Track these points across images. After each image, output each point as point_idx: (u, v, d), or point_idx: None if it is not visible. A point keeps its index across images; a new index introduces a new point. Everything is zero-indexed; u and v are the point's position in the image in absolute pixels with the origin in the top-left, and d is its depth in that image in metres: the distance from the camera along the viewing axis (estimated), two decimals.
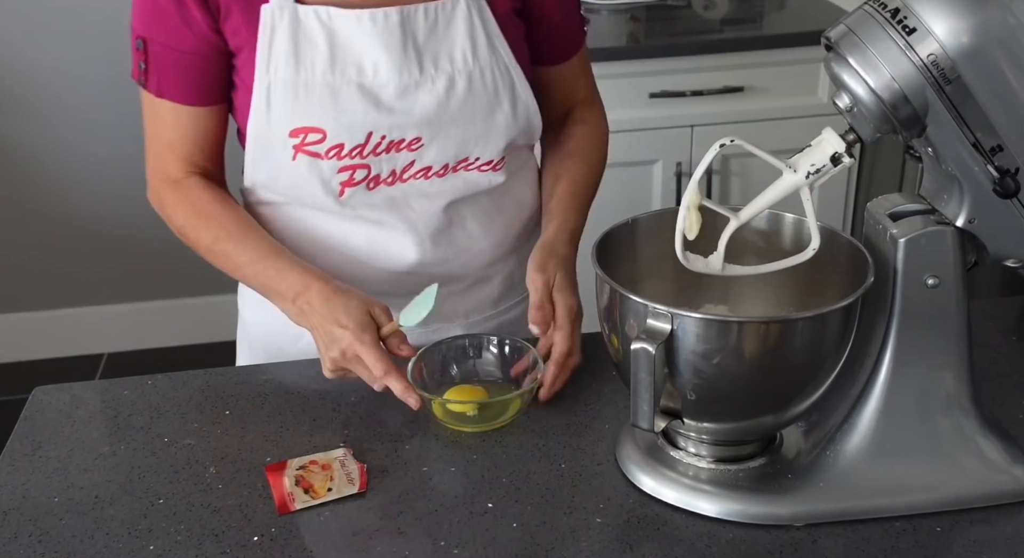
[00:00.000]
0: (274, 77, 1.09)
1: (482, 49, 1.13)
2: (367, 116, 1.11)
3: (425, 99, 1.12)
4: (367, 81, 1.10)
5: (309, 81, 1.09)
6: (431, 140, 1.14)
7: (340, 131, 1.11)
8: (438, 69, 1.12)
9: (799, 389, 0.90)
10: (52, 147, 2.80)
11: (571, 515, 0.93)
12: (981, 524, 0.92)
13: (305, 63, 1.09)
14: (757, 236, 1.01)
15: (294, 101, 1.09)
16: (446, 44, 1.12)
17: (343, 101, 1.10)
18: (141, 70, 1.14)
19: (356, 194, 1.16)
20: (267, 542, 0.91)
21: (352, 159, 1.13)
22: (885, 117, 0.84)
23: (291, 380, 1.16)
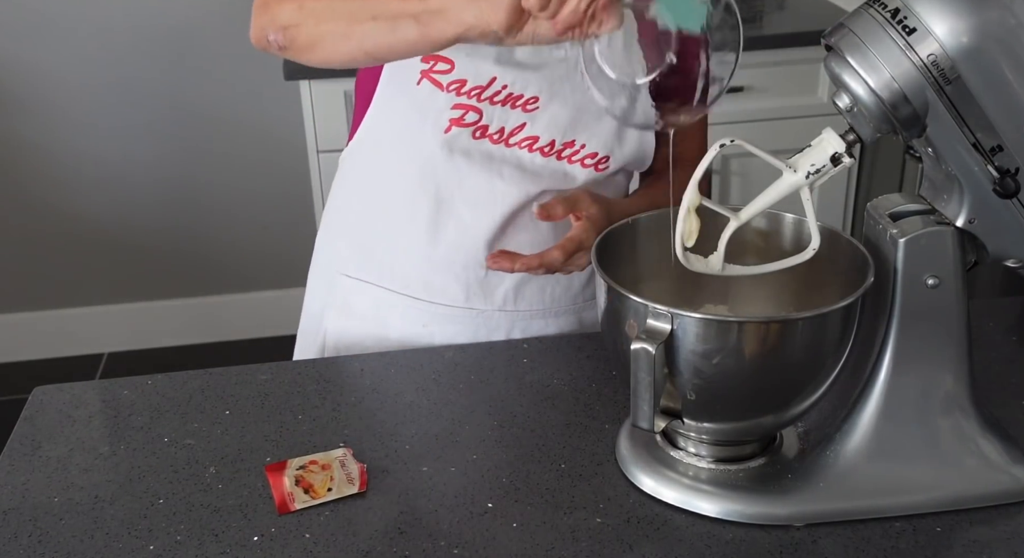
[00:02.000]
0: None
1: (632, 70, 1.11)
2: (498, 61, 1.12)
3: (555, 64, 1.13)
4: None
5: None
6: (547, 103, 1.15)
7: (467, 68, 1.12)
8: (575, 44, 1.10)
9: (799, 389, 0.90)
10: (52, 147, 2.81)
11: (571, 515, 0.93)
12: (981, 524, 0.92)
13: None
14: (757, 236, 1.01)
15: None
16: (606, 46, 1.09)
17: None
18: None
19: (460, 136, 1.16)
20: (267, 542, 0.91)
21: (469, 99, 1.14)
22: (885, 117, 0.84)
23: (291, 380, 1.16)
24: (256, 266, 3.01)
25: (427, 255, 1.22)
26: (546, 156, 1.18)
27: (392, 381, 1.14)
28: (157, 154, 2.84)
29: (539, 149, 1.18)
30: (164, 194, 2.89)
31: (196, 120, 2.81)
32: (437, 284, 1.23)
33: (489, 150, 1.17)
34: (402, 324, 1.26)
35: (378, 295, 1.26)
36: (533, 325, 1.27)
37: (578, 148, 1.18)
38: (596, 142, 1.18)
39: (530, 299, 1.26)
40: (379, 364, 1.18)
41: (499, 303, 1.25)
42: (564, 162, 1.19)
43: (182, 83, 2.77)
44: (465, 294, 1.23)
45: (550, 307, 1.27)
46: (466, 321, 1.25)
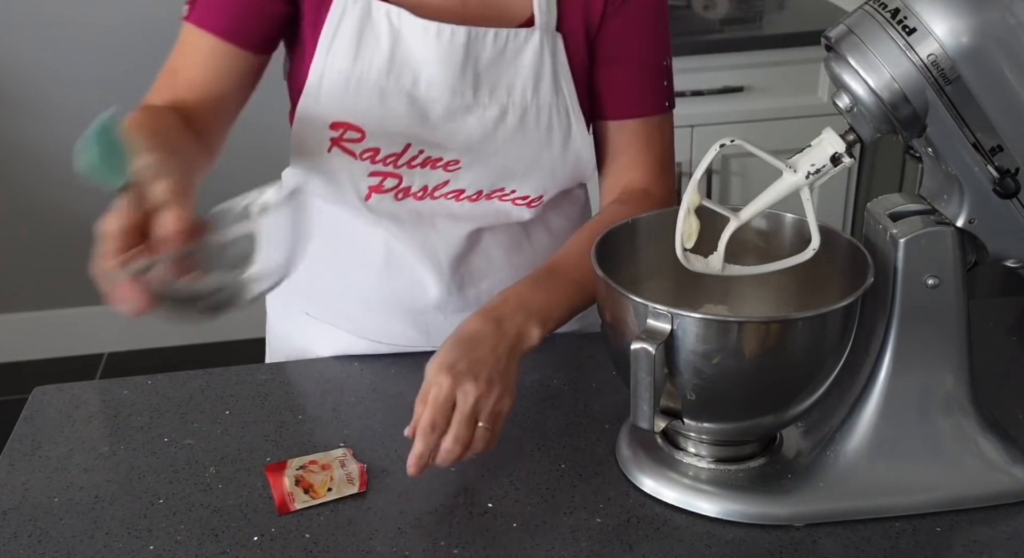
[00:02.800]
0: (330, 65, 1.07)
1: (545, 88, 1.09)
2: (410, 127, 1.08)
3: (472, 125, 1.09)
4: (419, 93, 1.07)
5: (362, 77, 1.07)
6: (469, 165, 1.11)
7: (379, 135, 1.09)
8: (493, 98, 1.08)
9: (799, 389, 0.90)
10: (52, 147, 2.80)
11: (571, 515, 0.93)
12: (981, 524, 0.92)
13: (363, 58, 1.06)
14: (757, 236, 1.01)
15: (343, 94, 1.07)
16: (507, 75, 1.08)
17: (390, 106, 1.07)
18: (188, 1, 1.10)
19: (383, 201, 1.14)
20: (267, 542, 0.91)
21: (385, 166, 1.11)
22: (885, 117, 0.84)
23: (291, 380, 1.16)
24: None
25: (382, 302, 1.19)
26: (475, 201, 1.15)
27: (392, 381, 1.14)
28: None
29: (467, 198, 1.15)
30: None
31: None
32: (397, 331, 1.21)
33: (416, 207, 1.15)
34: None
35: (337, 336, 1.23)
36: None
37: (509, 192, 1.15)
38: (527, 187, 1.15)
39: None
40: (379, 364, 1.18)
41: None
42: (495, 201, 1.16)
43: None
44: (426, 337, 1.20)
45: None
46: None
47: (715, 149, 0.88)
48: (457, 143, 1.10)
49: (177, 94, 1.07)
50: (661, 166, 1.18)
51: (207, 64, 1.09)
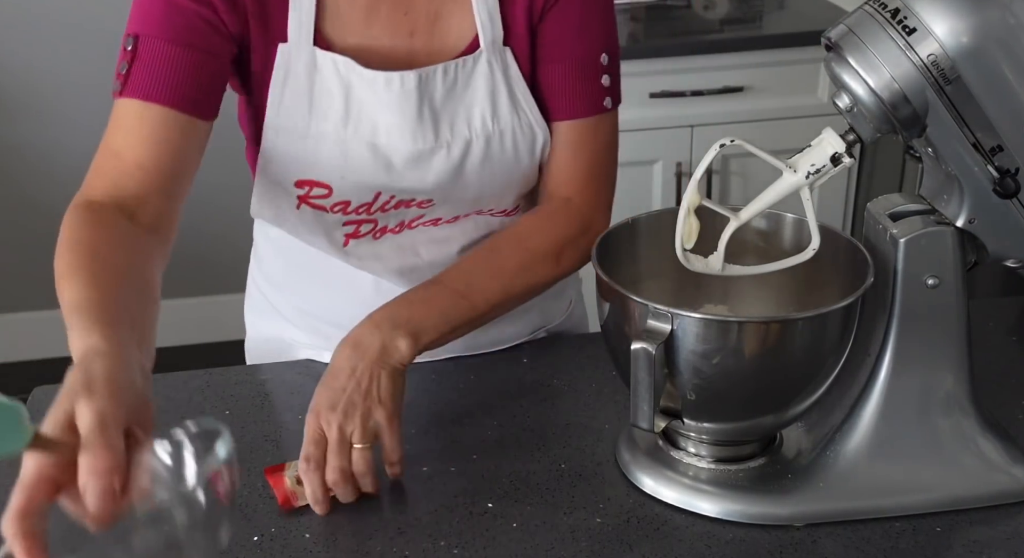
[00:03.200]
0: (284, 124, 1.03)
1: (503, 110, 1.06)
2: (376, 177, 1.05)
3: (439, 166, 1.05)
4: (380, 141, 1.04)
5: (320, 133, 1.03)
6: (443, 200, 1.10)
7: (347, 189, 1.06)
8: (454, 134, 1.05)
9: (799, 389, 0.90)
10: (52, 147, 2.81)
11: (571, 515, 0.93)
12: (981, 524, 0.92)
13: (318, 113, 1.03)
14: (757, 236, 1.01)
15: (302, 152, 1.04)
16: (464, 106, 1.05)
17: (353, 159, 1.04)
18: (122, 74, 0.99)
19: (361, 244, 1.13)
20: (267, 542, 0.91)
21: (358, 215, 1.09)
22: (885, 117, 0.84)
23: (291, 380, 1.16)
24: None
25: None
26: (454, 223, 1.14)
27: None
28: None
29: (445, 222, 1.14)
30: None
31: None
32: None
33: (396, 241, 1.13)
34: None
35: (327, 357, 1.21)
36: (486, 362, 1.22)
37: (487, 210, 1.14)
38: (504, 202, 1.14)
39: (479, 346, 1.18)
40: None
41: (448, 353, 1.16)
42: (473, 216, 1.14)
43: None
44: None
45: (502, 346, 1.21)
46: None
47: (715, 149, 0.88)
48: (427, 185, 1.07)
49: (123, 180, 0.97)
50: (589, 173, 1.11)
51: (157, 139, 0.98)
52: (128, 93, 0.99)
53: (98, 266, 0.87)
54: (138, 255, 0.93)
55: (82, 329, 0.77)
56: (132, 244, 0.93)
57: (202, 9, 0.99)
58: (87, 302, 0.81)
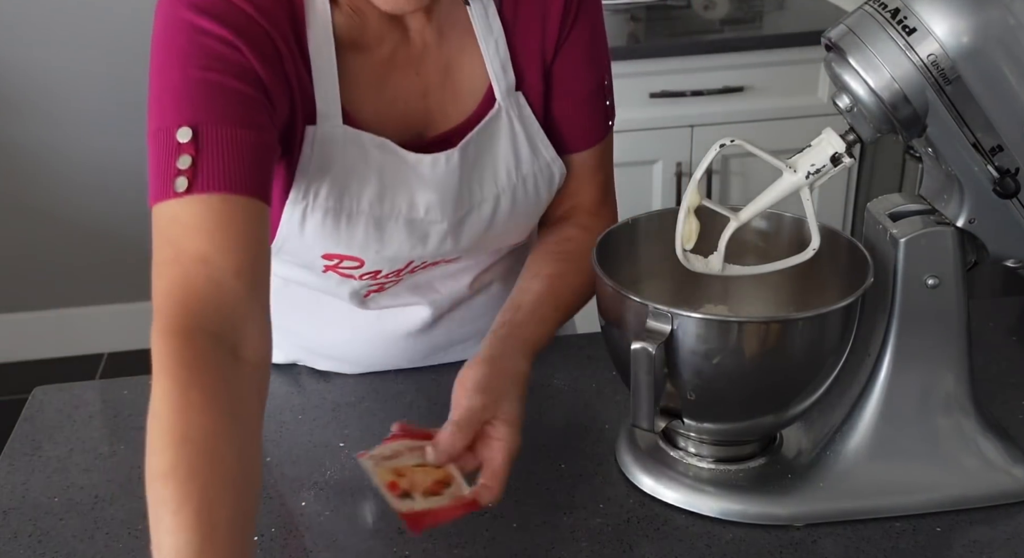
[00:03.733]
0: (312, 203, 0.97)
1: (524, 158, 1.05)
2: (413, 250, 1.03)
3: (471, 229, 1.04)
4: (417, 216, 1.01)
5: (353, 211, 0.98)
6: (470, 253, 1.09)
7: (380, 262, 1.03)
8: (484, 194, 1.04)
9: (799, 389, 0.90)
10: (52, 147, 2.80)
11: (571, 515, 0.93)
12: (981, 524, 0.92)
13: (351, 193, 0.98)
14: (757, 236, 1.01)
15: (335, 231, 0.98)
16: (490, 164, 1.04)
17: (388, 235, 1.00)
18: (183, 169, 0.84)
19: (382, 295, 1.11)
20: (267, 542, 0.91)
21: (387, 279, 1.07)
22: (885, 117, 0.84)
23: (291, 380, 1.16)
24: None
25: (373, 355, 1.16)
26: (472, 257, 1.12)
27: (392, 381, 1.14)
28: None
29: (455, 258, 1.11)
30: None
31: None
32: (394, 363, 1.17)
33: (413, 280, 1.10)
34: None
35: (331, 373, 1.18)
36: None
37: (505, 249, 1.14)
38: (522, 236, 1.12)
39: None
40: None
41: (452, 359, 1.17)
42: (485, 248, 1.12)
43: None
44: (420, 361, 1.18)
45: None
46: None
47: (715, 149, 0.88)
48: (460, 248, 1.06)
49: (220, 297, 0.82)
50: (605, 191, 1.14)
51: (248, 238, 0.85)
52: (201, 189, 0.83)
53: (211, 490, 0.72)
54: (254, 436, 0.81)
55: None
56: (247, 420, 0.80)
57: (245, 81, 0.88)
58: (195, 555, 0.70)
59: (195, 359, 0.78)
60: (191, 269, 0.82)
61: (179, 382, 0.77)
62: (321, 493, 0.97)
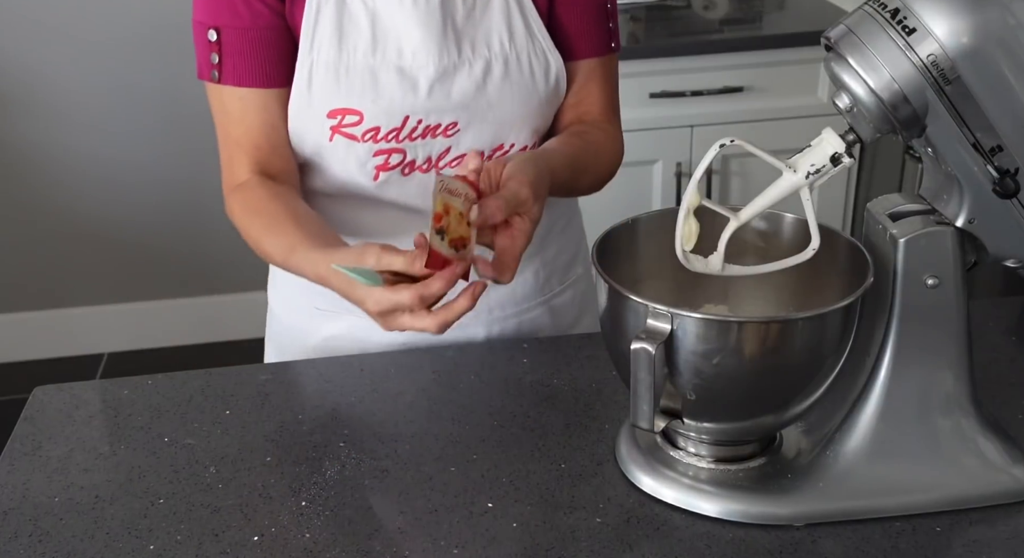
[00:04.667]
0: (316, 58, 1.11)
1: (519, 34, 1.14)
2: (404, 100, 1.12)
3: (462, 83, 1.13)
4: (406, 64, 1.12)
5: (350, 63, 1.11)
6: (467, 125, 1.15)
7: (377, 114, 1.12)
8: (475, 53, 1.13)
9: (799, 389, 0.90)
10: (52, 147, 2.81)
11: (571, 515, 0.93)
12: (981, 524, 0.92)
13: (347, 45, 1.11)
14: (757, 236, 1.01)
15: (335, 83, 1.11)
16: (483, 29, 1.13)
17: (382, 84, 1.11)
18: (214, 63, 1.13)
19: (391, 179, 1.16)
20: (267, 542, 0.91)
21: (388, 143, 1.14)
22: (885, 117, 0.84)
23: (291, 380, 1.16)
24: (256, 266, 2.98)
25: None
26: None
27: (392, 381, 1.14)
28: (157, 154, 2.84)
29: None
30: (164, 194, 2.89)
31: (196, 120, 2.80)
32: None
33: (422, 179, 1.17)
34: (379, 346, 1.24)
35: (353, 322, 1.22)
36: (509, 324, 1.28)
37: (508, 148, 1.18)
38: (524, 137, 1.18)
39: (503, 304, 1.27)
40: (379, 364, 1.18)
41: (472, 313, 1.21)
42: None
43: (182, 83, 2.76)
44: None
45: (521, 307, 1.28)
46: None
47: (715, 149, 0.88)
48: (452, 104, 1.13)
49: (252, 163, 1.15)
50: (612, 105, 1.25)
51: (262, 121, 1.14)
52: (227, 82, 1.13)
53: (279, 217, 1.09)
54: (292, 197, 1.13)
55: (306, 262, 1.03)
56: (284, 193, 1.13)
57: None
58: (289, 247, 1.05)
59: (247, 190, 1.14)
60: (232, 151, 1.16)
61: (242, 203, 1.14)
62: (321, 493, 0.97)
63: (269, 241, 1.10)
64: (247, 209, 1.13)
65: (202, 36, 1.13)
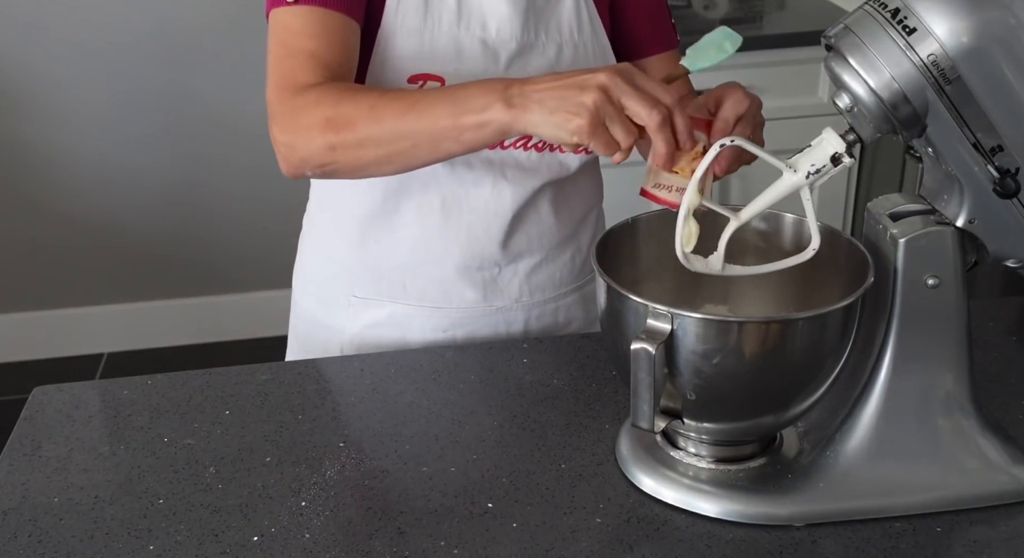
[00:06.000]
0: (401, 24, 1.12)
1: (585, 27, 1.19)
2: (486, 71, 1.14)
3: (537, 62, 1.17)
4: (490, 37, 1.14)
5: (436, 32, 1.13)
6: None
7: (457, 81, 1.08)
8: (549, 36, 1.17)
9: (799, 389, 0.90)
10: (52, 148, 2.81)
11: (571, 515, 0.93)
12: (981, 524, 0.92)
13: (433, 14, 1.13)
14: (757, 236, 1.01)
15: (418, 49, 1.13)
16: (556, 15, 1.18)
17: (466, 53, 1.14)
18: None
19: None
20: (267, 542, 0.91)
21: None
22: (885, 117, 0.84)
23: (291, 380, 1.16)
24: (256, 266, 3.01)
25: (440, 267, 1.23)
26: (540, 151, 1.20)
27: (392, 381, 1.14)
28: (157, 155, 2.84)
29: (534, 146, 1.19)
30: (164, 195, 2.89)
31: (196, 121, 2.81)
32: (454, 291, 1.24)
33: (488, 156, 1.18)
34: (422, 332, 1.26)
35: (394, 310, 1.26)
36: (547, 310, 1.29)
37: None
38: None
39: (543, 287, 1.28)
40: (379, 364, 1.18)
41: (515, 296, 1.26)
42: (557, 153, 1.20)
43: (182, 84, 2.77)
44: (483, 294, 1.25)
45: (560, 291, 1.29)
46: (485, 320, 1.26)
47: (715, 149, 0.88)
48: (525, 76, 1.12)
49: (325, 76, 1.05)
50: None
51: (342, 43, 1.08)
52: (308, 1, 1.07)
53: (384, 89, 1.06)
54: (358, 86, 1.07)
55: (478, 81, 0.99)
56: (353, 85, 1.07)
57: None
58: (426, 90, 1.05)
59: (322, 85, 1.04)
60: (304, 61, 1.06)
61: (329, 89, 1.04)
62: (321, 493, 0.97)
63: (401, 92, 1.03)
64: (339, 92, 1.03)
65: None
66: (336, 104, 1.01)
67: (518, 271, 1.25)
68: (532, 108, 0.93)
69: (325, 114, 1.01)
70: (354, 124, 1.01)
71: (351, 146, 1.01)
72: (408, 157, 1.02)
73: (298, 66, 1.06)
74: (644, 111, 0.90)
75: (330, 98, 1.02)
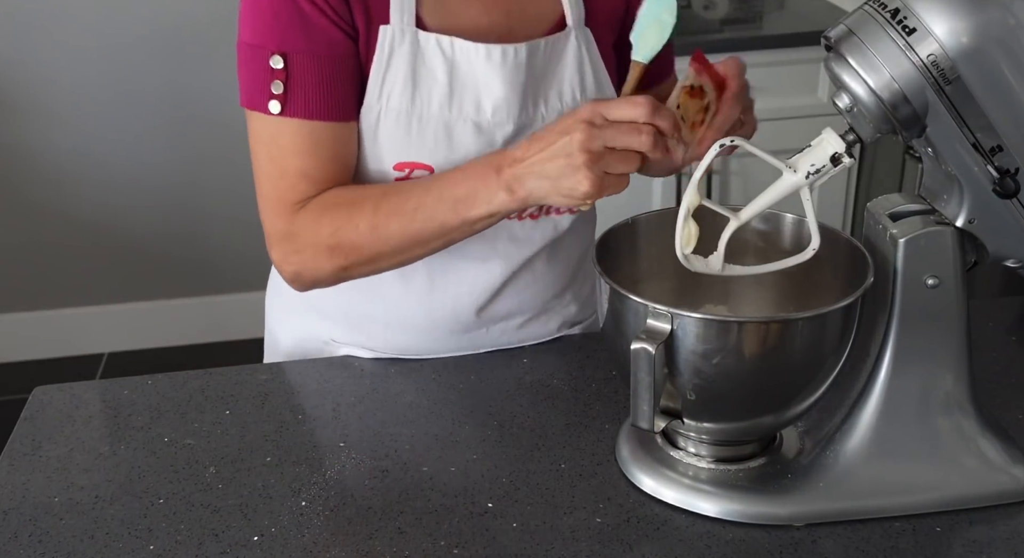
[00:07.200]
0: (385, 106, 1.04)
1: (589, 82, 1.11)
2: (480, 155, 1.05)
3: None
4: (484, 120, 1.06)
5: (424, 115, 1.05)
6: None
7: (449, 167, 1.05)
8: (548, 108, 1.09)
9: (799, 389, 0.90)
10: (52, 148, 2.81)
11: (571, 515, 0.93)
12: (981, 524, 0.92)
13: (422, 95, 1.04)
14: (757, 236, 1.01)
15: (406, 135, 1.05)
16: (556, 80, 1.09)
17: (457, 139, 1.05)
18: (276, 93, 1.02)
19: None
20: (267, 542, 0.91)
21: None
22: (885, 117, 0.84)
23: (291, 380, 1.16)
24: (256, 266, 2.99)
25: (422, 326, 1.18)
26: (536, 219, 1.15)
27: (392, 381, 1.14)
28: (157, 154, 2.84)
29: (529, 215, 1.14)
30: (164, 194, 2.89)
31: (196, 120, 2.81)
32: (439, 347, 1.19)
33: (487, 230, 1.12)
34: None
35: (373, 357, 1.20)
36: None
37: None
38: None
39: (539, 335, 1.22)
40: (379, 364, 1.18)
41: (496, 339, 1.20)
42: (552, 216, 1.15)
43: (182, 84, 2.77)
44: (471, 344, 1.19)
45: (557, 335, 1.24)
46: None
47: (715, 149, 0.88)
48: None
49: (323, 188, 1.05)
50: None
51: (334, 148, 1.04)
52: (292, 114, 1.02)
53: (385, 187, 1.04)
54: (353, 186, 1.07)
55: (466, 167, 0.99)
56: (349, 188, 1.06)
57: (322, 8, 1.01)
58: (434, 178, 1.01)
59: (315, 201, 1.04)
60: (296, 184, 1.04)
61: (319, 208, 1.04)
62: (321, 493, 0.97)
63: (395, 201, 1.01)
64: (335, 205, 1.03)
65: (258, 61, 1.02)
66: (335, 231, 1.03)
67: (508, 328, 1.20)
68: (532, 186, 0.95)
69: (326, 242, 1.04)
70: (359, 248, 1.03)
71: (363, 263, 1.05)
72: (422, 253, 1.04)
73: (289, 187, 1.05)
74: (633, 142, 0.91)
75: (327, 220, 1.03)
